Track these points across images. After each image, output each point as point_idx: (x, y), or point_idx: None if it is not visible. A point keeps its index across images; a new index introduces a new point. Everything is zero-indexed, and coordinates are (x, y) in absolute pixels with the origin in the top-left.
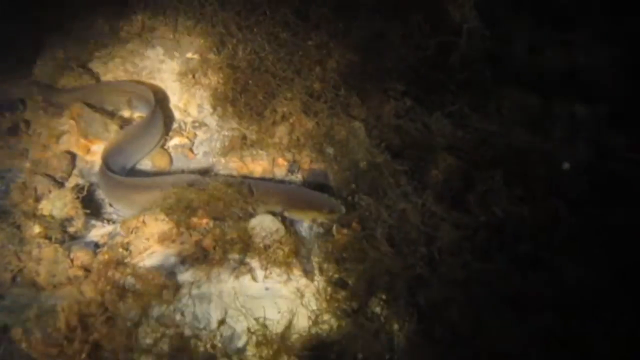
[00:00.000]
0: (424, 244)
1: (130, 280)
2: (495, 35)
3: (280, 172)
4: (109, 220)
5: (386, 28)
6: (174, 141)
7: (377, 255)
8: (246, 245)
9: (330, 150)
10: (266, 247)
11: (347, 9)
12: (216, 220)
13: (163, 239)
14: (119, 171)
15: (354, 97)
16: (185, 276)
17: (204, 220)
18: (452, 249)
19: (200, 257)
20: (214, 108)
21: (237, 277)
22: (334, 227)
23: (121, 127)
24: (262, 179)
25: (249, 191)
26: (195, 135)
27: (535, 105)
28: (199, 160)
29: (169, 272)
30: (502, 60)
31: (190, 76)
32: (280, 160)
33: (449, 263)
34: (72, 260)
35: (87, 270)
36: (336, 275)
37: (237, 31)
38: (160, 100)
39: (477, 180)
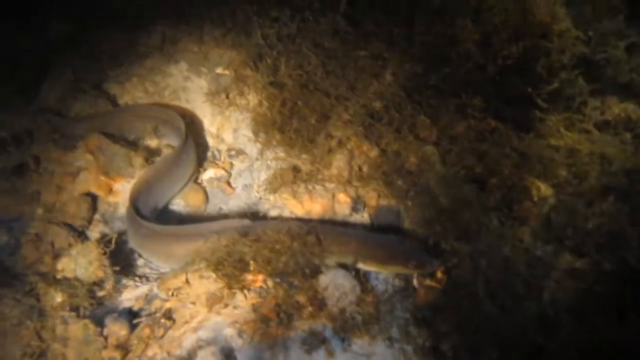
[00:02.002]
0: (534, 299)
1: None
2: (588, 37)
3: (342, 210)
4: (141, 277)
5: (456, 31)
6: (208, 173)
7: (479, 316)
8: (317, 309)
9: (400, 183)
10: (342, 311)
11: (404, 11)
12: (276, 277)
13: (212, 302)
14: (149, 214)
15: (421, 115)
16: (245, 353)
17: (260, 277)
18: (572, 305)
19: (260, 327)
20: (256, 134)
21: (308, 351)
22: (415, 279)
23: (147, 161)
24: (322, 221)
25: (317, 240)
26: (231, 165)
27: None
28: (239, 195)
29: (224, 349)
30: (598, 65)
31: (223, 96)
32: (342, 197)
33: (570, 325)
34: (105, 338)
35: (124, 349)
36: (427, 344)
37: (276, 41)
38: (189, 126)
39: (584, 214)
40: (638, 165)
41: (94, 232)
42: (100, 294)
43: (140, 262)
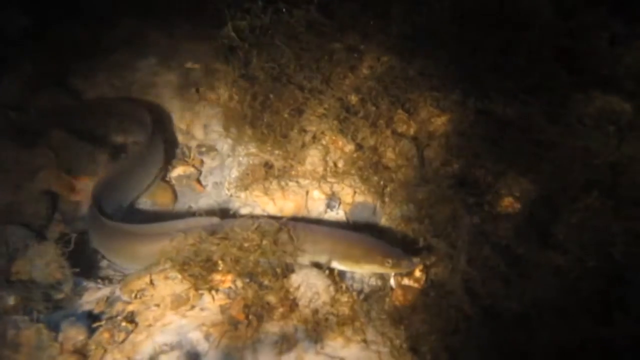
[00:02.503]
0: (515, 299)
1: None
2: (570, 28)
3: (316, 207)
4: (104, 280)
5: (432, 22)
6: (177, 171)
7: (459, 316)
8: (288, 310)
9: (377, 179)
10: (314, 313)
11: (380, 1)
12: (245, 277)
13: (178, 304)
14: (114, 214)
15: (399, 109)
16: (212, 358)
17: (229, 277)
18: (555, 304)
19: (229, 329)
20: (227, 129)
21: (279, 354)
22: (392, 279)
23: (112, 158)
24: (295, 218)
25: (289, 238)
26: (201, 162)
27: (626, 112)
28: (209, 193)
29: (190, 353)
30: (580, 58)
31: (192, 91)
32: (316, 193)
33: (553, 325)
34: (61, 344)
35: (81, 355)
36: (405, 345)
37: (248, 34)
38: (157, 122)
39: (567, 209)
40: (622, 159)
41: (53, 233)
42: (58, 296)
43: (103, 263)
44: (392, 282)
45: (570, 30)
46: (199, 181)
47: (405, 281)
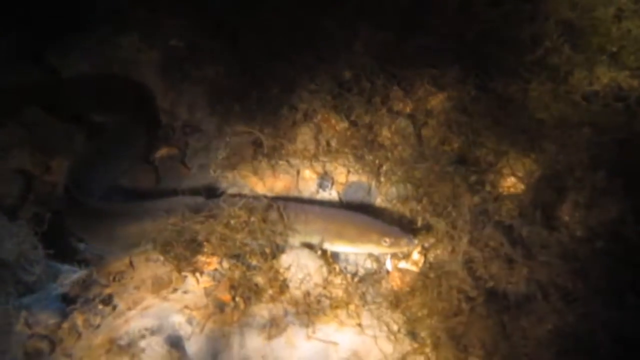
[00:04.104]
0: (521, 281)
1: None
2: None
3: (307, 187)
4: (80, 262)
5: None
6: (160, 152)
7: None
8: (278, 292)
9: (371, 158)
10: (305, 295)
11: None
12: (232, 258)
13: (159, 287)
14: (91, 194)
15: (394, 86)
16: (195, 342)
17: (214, 259)
18: (563, 288)
19: (214, 313)
20: (213, 107)
21: (268, 339)
22: (388, 262)
23: (90, 137)
24: (286, 198)
25: (279, 216)
26: (186, 143)
27: (634, 88)
28: (195, 176)
29: (171, 337)
30: (585, 33)
31: (176, 69)
32: (307, 173)
33: (561, 309)
34: (31, 328)
35: (52, 341)
36: (403, 330)
37: (236, 8)
38: (139, 101)
39: (573, 189)
40: (632, 136)
41: (27, 212)
42: (29, 279)
43: (80, 246)
44: (388, 264)
45: (575, 5)
46: (183, 163)
47: (403, 264)
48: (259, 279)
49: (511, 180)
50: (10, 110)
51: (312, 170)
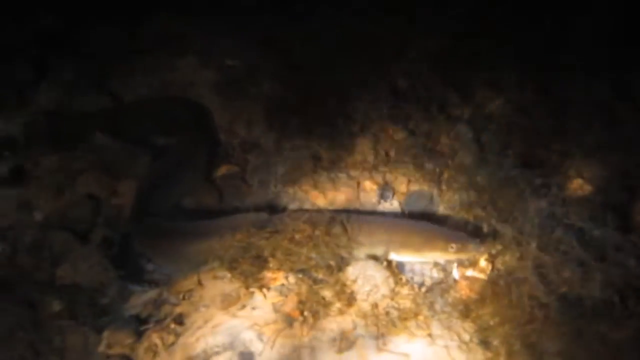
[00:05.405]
0: (595, 284)
1: None
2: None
3: (368, 199)
4: (150, 283)
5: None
6: (221, 170)
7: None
8: (346, 305)
9: (431, 166)
10: (374, 307)
11: None
12: (298, 273)
13: (228, 304)
14: (157, 215)
15: (451, 92)
16: (267, 358)
17: (280, 274)
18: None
19: (283, 328)
20: (270, 123)
21: (339, 352)
22: (455, 270)
23: (154, 160)
24: (347, 211)
25: (343, 229)
26: (246, 160)
27: None
28: (256, 192)
29: (244, 354)
30: None
31: (234, 87)
32: (368, 184)
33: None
34: (108, 349)
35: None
36: (474, 339)
37: (287, 22)
38: (199, 121)
39: None
40: None
41: (97, 236)
42: (103, 301)
43: (149, 266)
44: (455, 273)
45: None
46: (244, 180)
47: (470, 272)
48: (326, 293)
49: (578, 182)
50: (78, 136)
51: (373, 181)
